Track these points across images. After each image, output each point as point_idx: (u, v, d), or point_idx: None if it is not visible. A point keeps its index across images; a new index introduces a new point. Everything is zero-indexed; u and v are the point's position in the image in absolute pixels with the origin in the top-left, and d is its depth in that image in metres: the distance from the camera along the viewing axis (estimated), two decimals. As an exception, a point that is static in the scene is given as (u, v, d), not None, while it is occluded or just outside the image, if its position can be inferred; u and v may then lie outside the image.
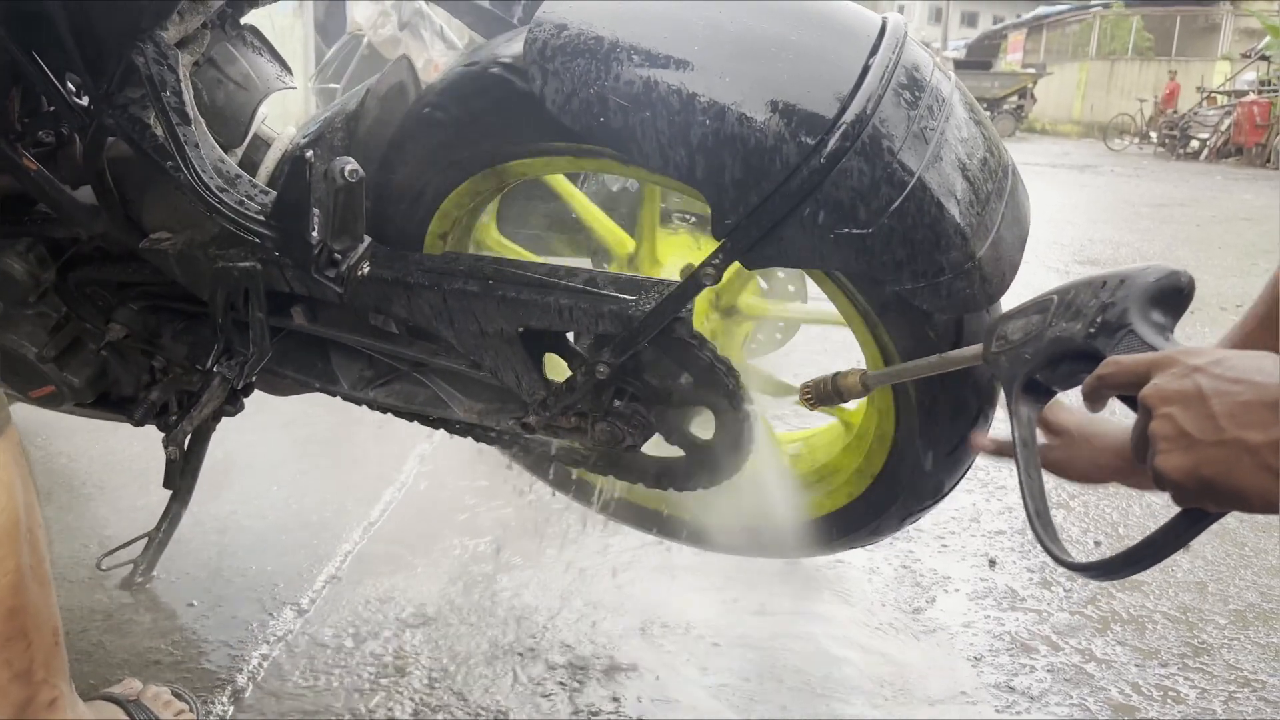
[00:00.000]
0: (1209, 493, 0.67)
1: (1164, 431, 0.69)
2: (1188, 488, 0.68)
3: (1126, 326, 0.82)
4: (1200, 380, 0.68)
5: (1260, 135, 14.31)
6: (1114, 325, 0.83)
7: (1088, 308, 0.86)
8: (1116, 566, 0.76)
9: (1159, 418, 0.69)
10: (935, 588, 1.90)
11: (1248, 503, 0.65)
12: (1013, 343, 0.93)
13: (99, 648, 1.62)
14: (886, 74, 0.97)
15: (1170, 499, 0.70)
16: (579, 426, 1.24)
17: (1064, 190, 10.15)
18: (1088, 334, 0.85)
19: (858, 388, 1.12)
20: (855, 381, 1.12)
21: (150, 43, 1.17)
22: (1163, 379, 0.71)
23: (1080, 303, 0.87)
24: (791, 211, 0.96)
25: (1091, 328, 0.84)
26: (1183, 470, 0.67)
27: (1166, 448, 0.68)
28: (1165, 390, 0.70)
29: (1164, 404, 0.69)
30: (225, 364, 1.39)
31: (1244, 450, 0.64)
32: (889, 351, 1.13)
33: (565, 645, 1.66)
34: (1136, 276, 0.85)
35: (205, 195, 1.20)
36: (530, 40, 1.02)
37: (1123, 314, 0.83)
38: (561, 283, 1.13)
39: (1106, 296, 0.85)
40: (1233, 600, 1.89)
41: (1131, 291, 0.84)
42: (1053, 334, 0.88)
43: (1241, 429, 0.65)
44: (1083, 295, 0.88)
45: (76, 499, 2.16)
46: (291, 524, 2.05)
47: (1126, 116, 18.33)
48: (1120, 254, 6.04)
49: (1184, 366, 0.70)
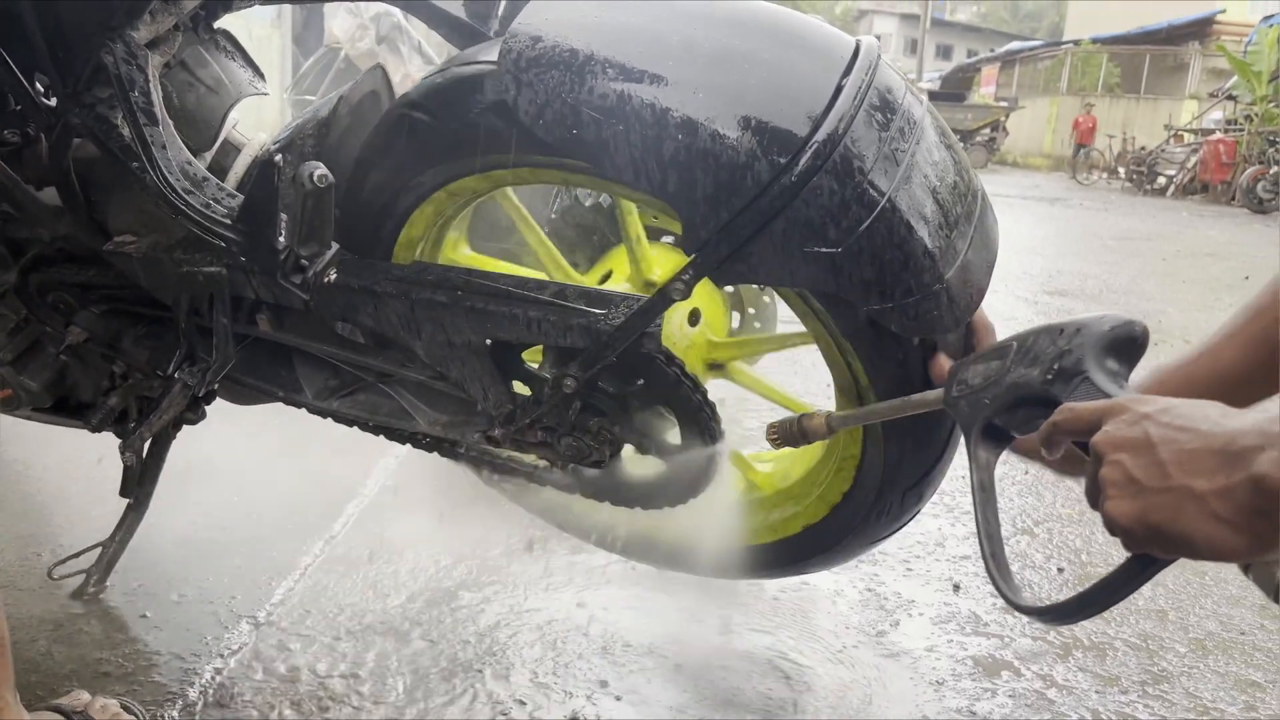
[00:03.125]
0: (1157, 538, 0.67)
1: (1113, 478, 0.70)
2: (1136, 533, 0.68)
3: (1082, 374, 0.84)
4: (1149, 428, 0.69)
5: (1226, 173, 14.60)
6: (1070, 372, 0.85)
7: (1045, 355, 0.88)
8: (1069, 611, 0.77)
9: (1109, 464, 0.71)
10: (899, 611, 1.90)
11: (1194, 549, 0.66)
12: (973, 388, 0.95)
13: (47, 657, 1.58)
14: (859, 95, 0.98)
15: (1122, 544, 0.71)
16: (545, 441, 1.23)
17: (1034, 222, 10.28)
18: (1045, 380, 0.87)
19: (823, 429, 1.13)
20: (821, 423, 1.13)
21: (120, 42, 1.16)
22: (1113, 426, 0.72)
23: (1038, 349, 0.90)
24: (762, 228, 0.96)
25: (1049, 374, 0.87)
26: (1131, 516, 0.68)
27: (1115, 494, 0.69)
28: (1115, 437, 0.71)
29: (1114, 450, 0.71)
30: (187, 370, 1.37)
31: (1190, 497, 0.65)
32: (856, 372, 1.13)
33: (527, 664, 1.64)
34: (1092, 325, 0.87)
35: (171, 197, 1.18)
36: (504, 51, 1.02)
37: (1079, 361, 0.85)
38: (530, 295, 1.12)
39: (1064, 344, 0.87)
40: (1193, 629, 1.90)
41: (1088, 339, 0.86)
42: (1011, 379, 0.91)
43: (1188, 476, 0.65)
44: (1041, 342, 0.90)
45: (30, 506, 2.12)
46: (251, 535, 2.02)
47: (1096, 151, 18.64)
48: (1087, 285, 6.12)
49: (1134, 414, 0.71)
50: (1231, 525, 0.63)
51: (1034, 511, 2.46)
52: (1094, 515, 1.42)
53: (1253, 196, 13.11)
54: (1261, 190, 13.09)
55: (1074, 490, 2.57)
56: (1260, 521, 0.62)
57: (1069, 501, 2.50)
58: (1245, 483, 0.62)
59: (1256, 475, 0.62)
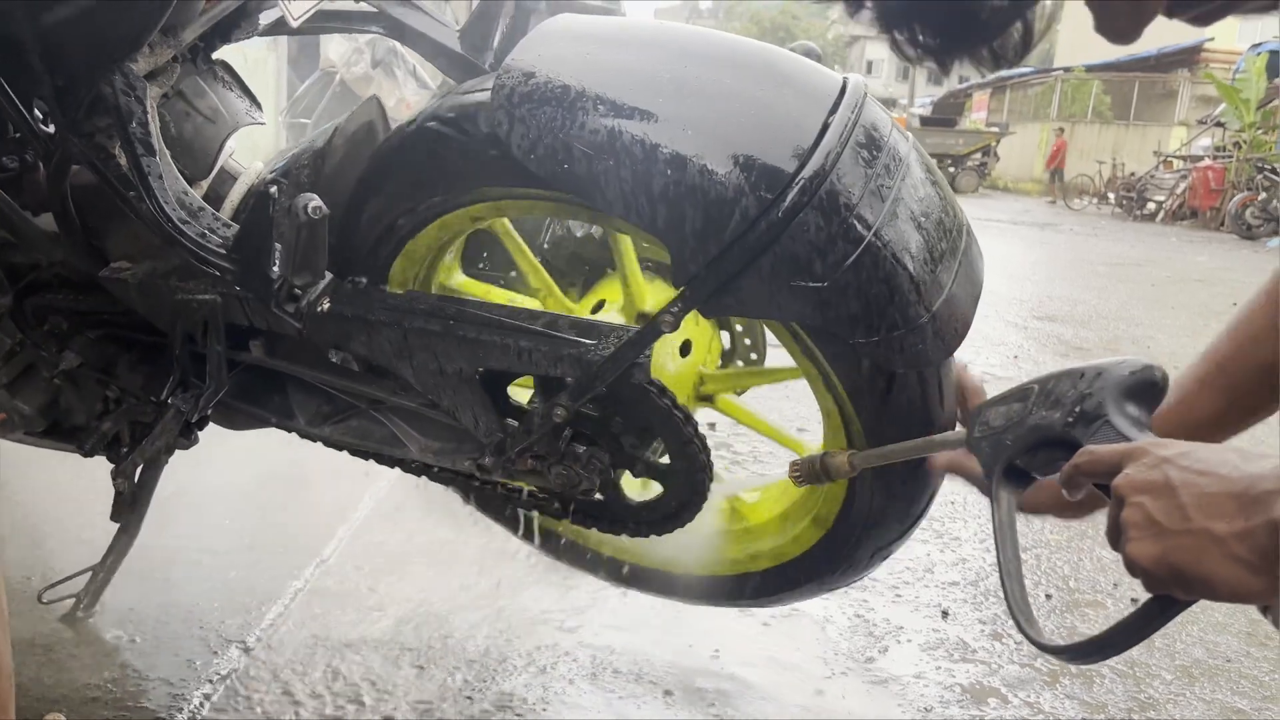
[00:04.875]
0: (1178, 580, 0.69)
1: (1135, 519, 0.71)
2: (1157, 574, 0.70)
3: (1103, 417, 0.86)
4: (1169, 471, 0.70)
5: (1214, 199, 14.71)
6: (1091, 415, 0.87)
7: (1067, 398, 0.90)
8: (1090, 651, 0.80)
9: (1130, 506, 0.72)
10: (888, 638, 1.91)
11: (1214, 591, 0.67)
12: (994, 429, 0.97)
13: (36, 682, 1.58)
14: (845, 132, 1.00)
15: (1142, 585, 0.73)
16: (536, 469, 1.24)
17: (1024, 247, 10.34)
18: (1066, 423, 0.89)
19: (845, 468, 1.14)
20: (843, 462, 1.13)
21: (119, 73, 1.18)
22: (1134, 469, 0.74)
23: (1059, 393, 0.92)
24: (750, 263, 0.98)
25: (1070, 417, 0.89)
26: (1152, 557, 0.69)
27: (1137, 535, 0.71)
28: (1136, 480, 0.72)
29: (1135, 493, 0.72)
30: (180, 396, 1.37)
31: (1211, 540, 0.66)
32: (843, 403, 1.14)
33: (515, 690, 1.64)
34: (1113, 369, 0.89)
35: (166, 226, 1.19)
36: (498, 86, 1.04)
37: (1099, 405, 0.87)
38: (522, 325, 1.14)
39: (1084, 388, 0.89)
40: (1179, 656, 1.91)
41: (1108, 384, 0.88)
42: (1033, 422, 0.92)
43: (1208, 519, 0.67)
44: (1062, 385, 0.92)
45: (20, 530, 2.11)
46: (241, 560, 2.02)
47: (1085, 177, 18.78)
48: (1077, 310, 6.15)
49: (1154, 457, 0.73)
50: (1251, 567, 0.65)
51: (1022, 538, 2.45)
52: (1082, 542, 1.43)
53: (1241, 223, 13.22)
54: (1250, 216, 13.20)
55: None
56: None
57: (1058, 529, 2.51)
58: (1265, 526, 0.64)
59: (1276, 520, 0.63)
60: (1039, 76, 26.24)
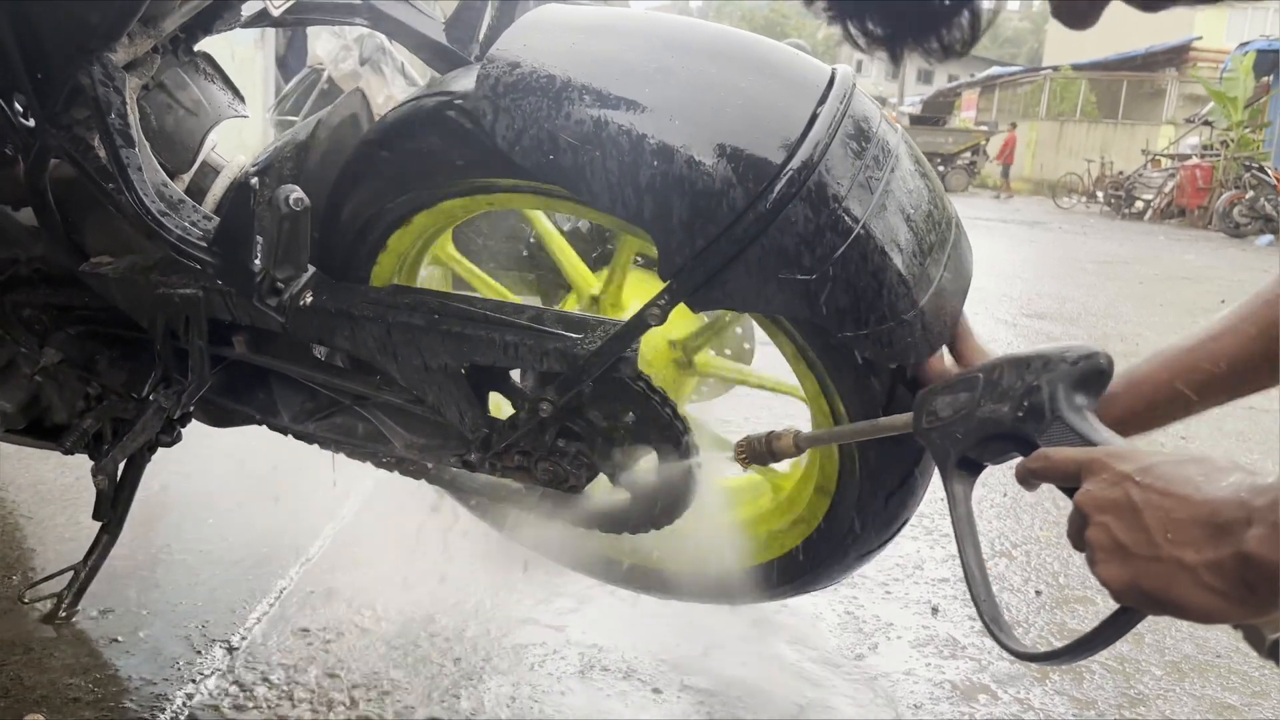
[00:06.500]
0: (1149, 603, 0.69)
1: (1100, 541, 0.71)
2: (1128, 597, 0.70)
3: (1055, 415, 0.86)
4: (1131, 490, 0.70)
5: (1202, 198, 14.78)
6: (1040, 410, 0.87)
7: (1014, 390, 0.90)
8: (1061, 656, 0.81)
9: (1095, 525, 0.72)
10: (878, 634, 1.90)
11: (1186, 614, 0.67)
12: (943, 419, 0.96)
13: (16, 682, 1.56)
14: (834, 123, 0.99)
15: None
16: (522, 465, 1.23)
17: (1013, 245, 10.37)
18: (1016, 417, 0.89)
19: (791, 448, 1.13)
20: (789, 442, 1.13)
21: (98, 64, 1.16)
22: (1094, 485, 0.73)
23: (1006, 384, 0.91)
24: (737, 255, 0.97)
25: (1019, 411, 0.89)
26: (1123, 582, 0.70)
27: (1104, 558, 0.71)
28: (1098, 499, 0.72)
29: (1098, 512, 0.72)
30: (162, 392, 1.36)
31: (1180, 568, 0.66)
32: (831, 397, 1.13)
33: (502, 688, 1.63)
34: (1057, 359, 0.89)
35: (146, 219, 1.18)
36: (483, 76, 1.03)
37: (1049, 399, 0.87)
38: (507, 319, 1.13)
39: (1031, 379, 0.89)
40: (1169, 651, 1.91)
41: (1055, 375, 0.88)
42: (981, 415, 0.92)
43: (1177, 547, 0.66)
44: (1008, 377, 0.92)
45: (2, 529, 2.09)
46: (225, 559, 2.00)
47: (1074, 175, 18.84)
48: (1066, 308, 6.17)
49: (1114, 474, 0.72)
50: (1223, 595, 0.65)
51: (1012, 534, 2.46)
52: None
53: (1229, 221, 13.28)
54: (1237, 215, 13.26)
55: (1052, 514, 2.58)
56: (1249, 592, 0.64)
57: (1047, 525, 2.51)
58: (1233, 557, 0.64)
59: (1244, 553, 0.63)
60: (1027, 76, 26.36)
